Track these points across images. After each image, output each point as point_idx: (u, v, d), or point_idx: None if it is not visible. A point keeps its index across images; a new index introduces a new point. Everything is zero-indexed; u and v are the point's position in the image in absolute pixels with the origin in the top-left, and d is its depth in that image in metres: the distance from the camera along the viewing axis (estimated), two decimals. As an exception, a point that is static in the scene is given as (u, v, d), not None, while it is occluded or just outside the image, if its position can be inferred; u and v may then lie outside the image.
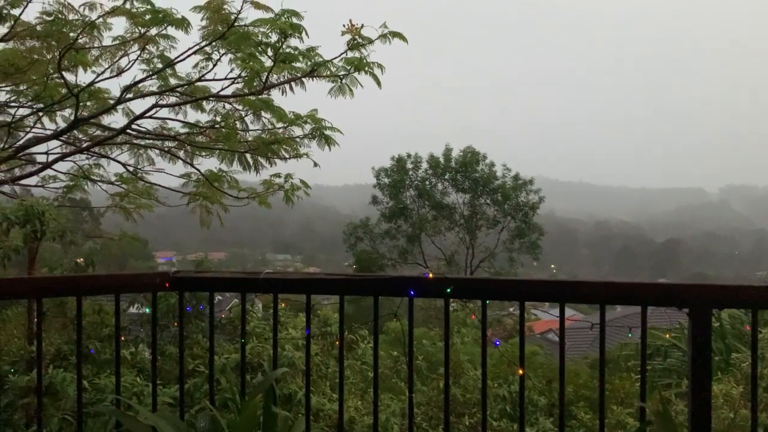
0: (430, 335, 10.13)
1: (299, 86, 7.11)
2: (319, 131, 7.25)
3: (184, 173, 8.27)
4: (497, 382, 6.56)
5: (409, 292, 2.82)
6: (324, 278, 2.97)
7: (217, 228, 8.99)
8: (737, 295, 2.56)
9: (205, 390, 4.69)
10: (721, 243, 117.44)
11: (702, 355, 2.50)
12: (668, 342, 7.73)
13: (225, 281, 3.15)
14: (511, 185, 31.57)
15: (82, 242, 10.14)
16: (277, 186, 7.91)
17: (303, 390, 4.69)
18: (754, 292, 2.55)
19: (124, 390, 4.37)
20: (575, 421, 6.61)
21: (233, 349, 5.32)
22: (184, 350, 3.13)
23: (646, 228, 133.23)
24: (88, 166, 8.31)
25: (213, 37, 6.69)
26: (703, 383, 2.51)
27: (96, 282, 3.03)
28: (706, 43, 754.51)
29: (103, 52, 7.15)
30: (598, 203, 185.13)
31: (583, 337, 26.19)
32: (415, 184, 32.42)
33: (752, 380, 2.57)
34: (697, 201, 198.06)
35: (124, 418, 2.93)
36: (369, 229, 32.78)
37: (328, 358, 5.91)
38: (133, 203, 8.34)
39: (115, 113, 7.89)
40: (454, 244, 32.65)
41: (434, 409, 6.01)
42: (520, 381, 2.75)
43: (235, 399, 2.97)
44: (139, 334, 6.46)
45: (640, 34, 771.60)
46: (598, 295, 2.63)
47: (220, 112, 7.79)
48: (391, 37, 6.45)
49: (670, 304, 2.61)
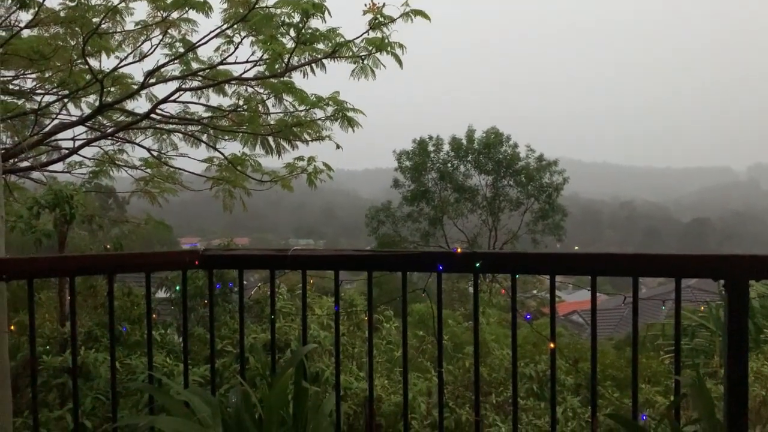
0: (455, 316, 10.12)
1: (320, 68, 7.09)
2: (342, 113, 7.23)
3: (207, 157, 8.33)
4: (524, 361, 6.53)
5: (438, 267, 2.79)
6: (352, 254, 2.96)
7: (239, 214, 9.04)
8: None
9: (234, 369, 4.74)
10: (749, 222, 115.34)
11: (739, 326, 2.45)
12: (695, 322, 7.64)
13: (254, 258, 3.15)
14: (534, 166, 31.29)
15: (109, 228, 10.28)
16: (300, 169, 7.92)
17: (330, 369, 4.72)
18: (793, 262, 2.48)
19: (154, 370, 4.43)
20: (602, 399, 6.57)
21: (260, 330, 5.36)
22: (214, 327, 3.16)
23: (672, 208, 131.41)
24: (113, 151, 8.41)
25: (234, 19, 6.69)
26: (741, 356, 2.46)
27: (127, 260, 3.06)
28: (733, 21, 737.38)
29: (125, 37, 7.19)
30: (623, 184, 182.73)
31: (608, 319, 26.06)
32: (437, 167, 32.29)
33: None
34: (724, 180, 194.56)
35: (157, 394, 2.97)
36: (391, 212, 32.79)
37: (354, 338, 5.93)
38: (158, 188, 8.42)
39: (139, 98, 7.96)
40: (477, 226, 32.53)
41: (460, 388, 6.00)
42: (551, 354, 2.72)
43: (265, 375, 2.98)
44: (168, 318, 6.54)
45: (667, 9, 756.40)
46: (631, 267, 2.58)
47: (242, 95, 7.81)
48: (413, 15, 6.38)
49: (705, 275, 2.55)
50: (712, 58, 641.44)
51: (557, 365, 6.75)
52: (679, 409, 2.77)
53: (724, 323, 2.49)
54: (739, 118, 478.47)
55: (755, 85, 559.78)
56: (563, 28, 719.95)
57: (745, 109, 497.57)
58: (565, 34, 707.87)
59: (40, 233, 5.54)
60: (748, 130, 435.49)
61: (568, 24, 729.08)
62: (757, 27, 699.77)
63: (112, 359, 2.97)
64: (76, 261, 3.00)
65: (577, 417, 5.32)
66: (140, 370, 4.73)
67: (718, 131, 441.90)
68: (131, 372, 4.84)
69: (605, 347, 12.29)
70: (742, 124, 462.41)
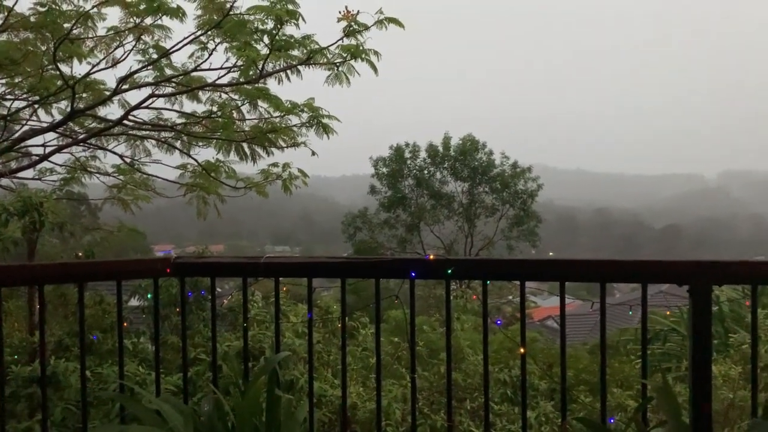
0: (430, 322, 10.16)
1: (295, 75, 7.09)
2: (317, 119, 7.23)
3: (181, 164, 8.26)
4: (498, 366, 6.58)
5: (411, 273, 2.82)
6: (326, 261, 2.97)
7: (215, 221, 8.98)
8: (736, 271, 2.57)
9: (207, 377, 4.70)
10: (719, 228, 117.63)
11: (702, 331, 2.51)
12: (667, 326, 7.77)
13: (226, 266, 3.15)
14: (509, 173, 31.61)
15: (81, 235, 10.13)
16: (275, 175, 7.90)
17: (304, 376, 4.71)
18: (753, 267, 2.56)
19: (126, 379, 4.38)
20: (575, 404, 6.65)
21: (234, 338, 5.33)
22: (186, 335, 3.14)
23: (645, 215, 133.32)
24: (84, 158, 8.30)
25: (208, 26, 6.67)
26: (704, 360, 2.52)
27: (97, 268, 3.03)
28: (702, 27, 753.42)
29: (97, 42, 7.12)
30: (597, 190, 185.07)
31: (583, 324, 26.30)
32: (413, 173, 32.45)
33: (752, 349, 2.58)
34: (695, 187, 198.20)
35: (129, 403, 2.94)
36: (368, 219, 32.85)
37: (330, 345, 5.92)
38: (131, 195, 8.34)
39: (111, 104, 7.86)
40: (453, 232, 32.74)
41: (435, 394, 6.03)
42: (522, 359, 2.76)
43: (237, 384, 2.98)
44: (141, 326, 6.47)
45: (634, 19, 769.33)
46: (599, 273, 2.63)
47: (216, 101, 7.77)
48: (387, 23, 6.42)
49: (670, 281, 2.61)
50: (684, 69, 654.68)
51: (532, 370, 6.81)
52: (646, 412, 2.83)
53: (689, 327, 2.55)
54: (709, 126, 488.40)
55: (725, 94, 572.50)
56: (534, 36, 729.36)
57: (716, 118, 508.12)
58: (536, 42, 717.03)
59: (7, 241, 5.45)
60: (718, 138, 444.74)
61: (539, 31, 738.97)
62: (729, 39, 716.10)
63: (82, 368, 2.94)
64: (45, 269, 2.96)
65: (550, 422, 5.37)
66: (112, 380, 4.67)
67: (689, 139, 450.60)
68: (102, 381, 4.78)
69: (579, 352, 12.40)
70: (713, 131, 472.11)
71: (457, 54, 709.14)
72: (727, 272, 2.56)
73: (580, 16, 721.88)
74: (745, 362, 4.96)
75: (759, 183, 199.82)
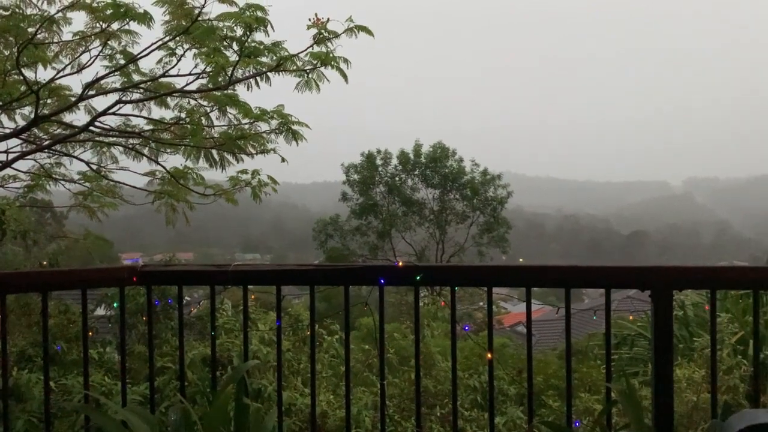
0: (401, 329, 10.17)
1: (265, 81, 7.06)
2: (286, 126, 7.20)
3: (148, 171, 8.15)
4: (468, 372, 6.62)
5: (380, 280, 2.84)
6: (294, 269, 2.97)
7: (184, 228, 8.88)
8: (696, 276, 2.64)
9: (175, 386, 4.65)
10: (684, 234, 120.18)
11: (664, 335, 2.57)
12: (635, 331, 7.90)
13: (193, 274, 3.13)
14: (479, 180, 31.87)
15: (46, 243, 9.93)
16: (244, 182, 7.83)
17: (273, 385, 4.68)
18: (712, 273, 2.64)
19: (92, 389, 4.31)
20: (544, 409, 6.71)
21: (202, 346, 5.28)
22: (153, 345, 3.10)
23: (612, 221, 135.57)
24: (49, 164, 8.14)
25: (176, 32, 6.61)
26: (666, 362, 2.58)
27: (62, 277, 2.99)
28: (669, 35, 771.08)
29: (63, 47, 7.00)
30: (566, 197, 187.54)
31: (552, 330, 26.59)
32: (384, 180, 32.50)
33: (712, 352, 2.65)
34: (661, 194, 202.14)
35: (93, 414, 2.89)
36: (339, 225, 32.77)
37: (300, 354, 5.90)
38: (97, 202, 8.19)
39: (77, 111, 7.72)
40: (425, 239, 32.86)
41: (406, 401, 6.04)
42: (489, 364, 2.79)
43: (205, 392, 2.95)
44: (107, 336, 6.37)
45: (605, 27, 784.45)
46: (563, 278, 2.68)
47: (185, 108, 7.69)
48: (357, 31, 6.44)
49: (633, 286, 2.68)
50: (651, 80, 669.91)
51: (501, 376, 6.84)
52: (611, 415, 2.88)
53: (651, 331, 2.61)
54: (675, 133, 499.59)
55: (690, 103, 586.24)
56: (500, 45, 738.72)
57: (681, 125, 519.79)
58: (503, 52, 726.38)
59: (-32, 249, 5.32)
60: (683, 146, 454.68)
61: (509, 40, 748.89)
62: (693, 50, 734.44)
63: (45, 379, 2.88)
64: (7, 278, 2.90)
65: (519, 427, 5.42)
66: (76, 390, 4.59)
67: (655, 147, 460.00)
68: (67, 392, 4.69)
69: (549, 357, 12.54)
70: (678, 139, 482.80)
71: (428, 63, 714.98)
72: (687, 277, 2.63)
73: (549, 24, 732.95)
74: (708, 365, 5.08)
75: (722, 190, 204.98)
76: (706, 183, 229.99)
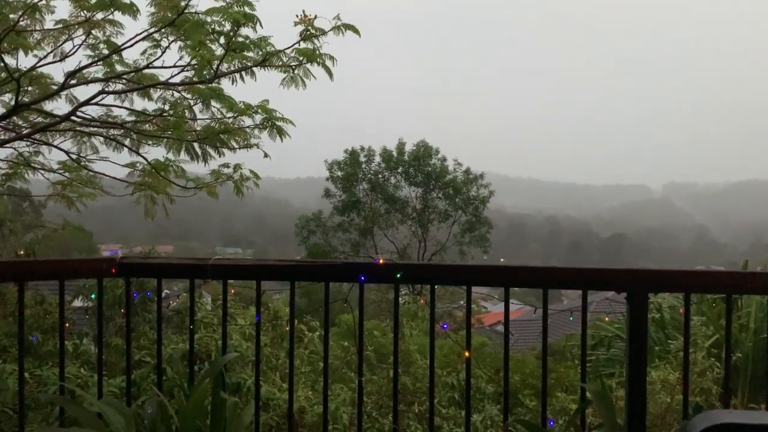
0: (381, 326, 10.21)
1: (250, 76, 7.03)
2: (271, 121, 7.18)
3: (129, 162, 8.07)
4: (446, 370, 6.67)
5: (360, 277, 2.85)
6: (275, 264, 2.98)
7: (165, 221, 8.80)
8: (671, 280, 2.69)
9: (152, 380, 4.62)
10: (663, 238, 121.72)
11: (638, 336, 2.62)
12: (612, 333, 8.00)
13: (173, 267, 3.11)
14: (462, 179, 32.00)
15: (23, 233, 9.80)
16: (226, 176, 7.79)
17: (251, 379, 4.67)
18: (687, 276, 2.69)
19: (67, 381, 4.27)
20: (521, 408, 6.78)
21: (181, 341, 5.25)
22: (131, 337, 3.09)
23: (592, 223, 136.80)
24: (28, 153, 8.03)
25: (162, 23, 6.56)
26: (640, 364, 2.62)
27: (39, 267, 2.96)
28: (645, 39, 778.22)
29: (45, 35, 6.91)
30: (547, 199, 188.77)
31: (530, 329, 26.82)
32: (368, 178, 32.52)
33: (684, 354, 2.70)
34: (640, 197, 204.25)
35: (69, 406, 2.87)
36: (321, 222, 32.74)
37: (279, 349, 5.89)
38: (76, 192, 8.09)
39: (58, 99, 7.62)
40: (407, 237, 32.93)
41: (384, 398, 6.06)
42: (467, 363, 2.81)
43: (182, 386, 2.94)
44: (84, 327, 6.31)
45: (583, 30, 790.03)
46: (541, 279, 2.72)
47: (168, 100, 7.62)
48: (344, 29, 6.44)
49: (609, 288, 2.72)
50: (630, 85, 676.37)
51: (479, 374, 6.89)
52: (584, 415, 2.92)
53: (626, 333, 2.65)
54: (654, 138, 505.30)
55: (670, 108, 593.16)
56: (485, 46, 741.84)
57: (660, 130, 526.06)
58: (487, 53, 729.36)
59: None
60: (663, 151, 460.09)
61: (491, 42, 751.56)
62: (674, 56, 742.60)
63: (20, 370, 2.86)
64: (-17, 268, 2.87)
65: (495, 425, 5.47)
66: (51, 382, 4.54)
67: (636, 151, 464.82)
68: (42, 384, 4.64)
69: (527, 357, 12.66)
70: (658, 144, 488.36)
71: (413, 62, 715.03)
72: (662, 281, 2.68)
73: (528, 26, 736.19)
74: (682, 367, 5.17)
75: (701, 195, 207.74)
76: (685, 188, 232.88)
